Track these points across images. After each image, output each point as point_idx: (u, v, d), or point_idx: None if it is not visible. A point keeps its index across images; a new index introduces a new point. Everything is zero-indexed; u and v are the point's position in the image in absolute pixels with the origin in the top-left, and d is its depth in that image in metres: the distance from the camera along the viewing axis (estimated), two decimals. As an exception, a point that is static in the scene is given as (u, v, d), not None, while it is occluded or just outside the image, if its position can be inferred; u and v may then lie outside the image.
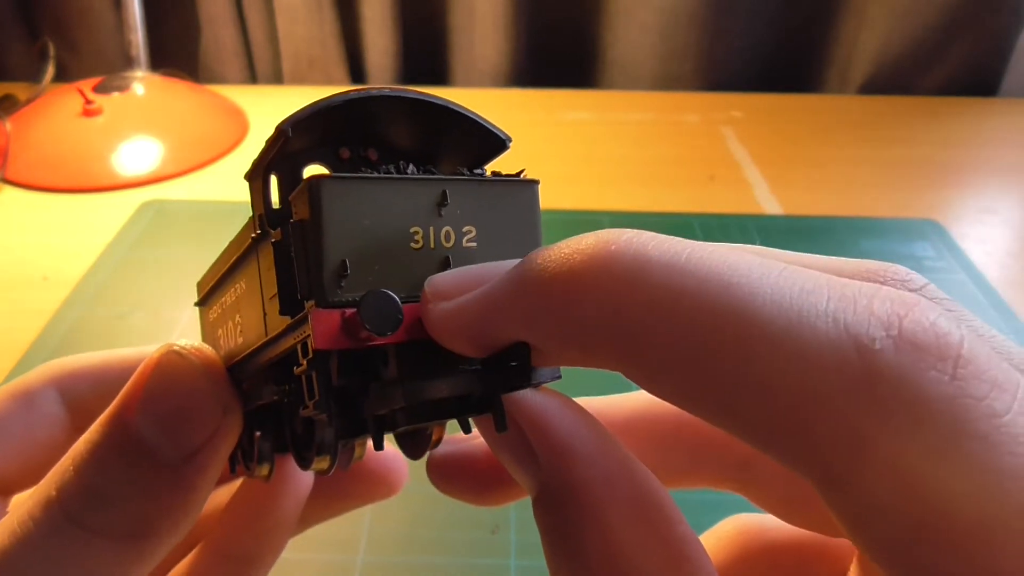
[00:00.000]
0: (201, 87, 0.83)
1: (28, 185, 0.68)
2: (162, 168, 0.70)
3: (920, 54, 0.87)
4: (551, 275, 0.12)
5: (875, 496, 0.10)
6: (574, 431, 0.13)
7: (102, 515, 0.15)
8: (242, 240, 0.15)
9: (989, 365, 0.10)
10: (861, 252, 0.60)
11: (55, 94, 0.76)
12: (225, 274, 0.16)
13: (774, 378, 0.10)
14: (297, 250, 0.13)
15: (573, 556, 0.13)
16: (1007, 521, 0.09)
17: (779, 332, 0.10)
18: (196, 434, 0.15)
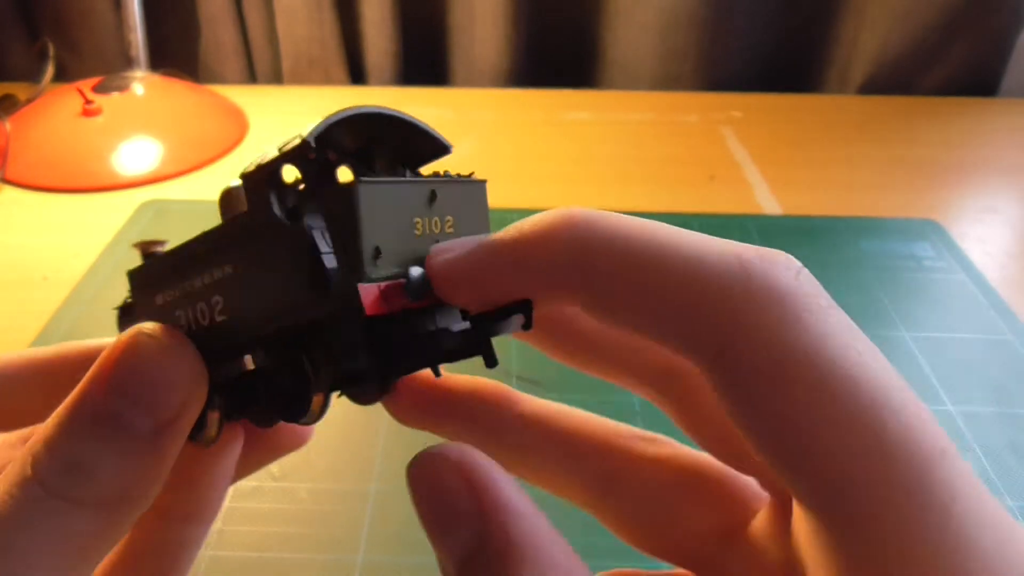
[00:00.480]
0: (201, 87, 0.83)
1: (28, 185, 0.68)
2: (162, 168, 0.70)
3: (920, 54, 0.87)
4: (531, 229, 0.16)
5: (745, 356, 0.14)
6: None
7: (81, 486, 0.16)
8: (225, 231, 0.18)
9: (814, 280, 0.16)
10: (861, 252, 0.60)
11: (55, 94, 0.76)
12: (193, 262, 0.18)
13: (683, 283, 0.15)
14: (333, 238, 0.16)
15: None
16: (812, 358, 0.14)
17: (688, 253, 0.15)
18: (169, 406, 0.17)
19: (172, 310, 0.19)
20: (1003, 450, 0.44)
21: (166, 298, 0.19)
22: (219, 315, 0.18)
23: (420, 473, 0.16)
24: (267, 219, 0.16)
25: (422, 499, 0.16)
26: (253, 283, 0.17)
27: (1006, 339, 0.52)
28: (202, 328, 0.18)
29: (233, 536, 0.39)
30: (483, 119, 0.82)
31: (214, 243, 0.18)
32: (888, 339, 0.52)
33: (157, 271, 0.19)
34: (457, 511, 0.15)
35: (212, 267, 0.18)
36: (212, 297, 0.18)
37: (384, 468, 0.42)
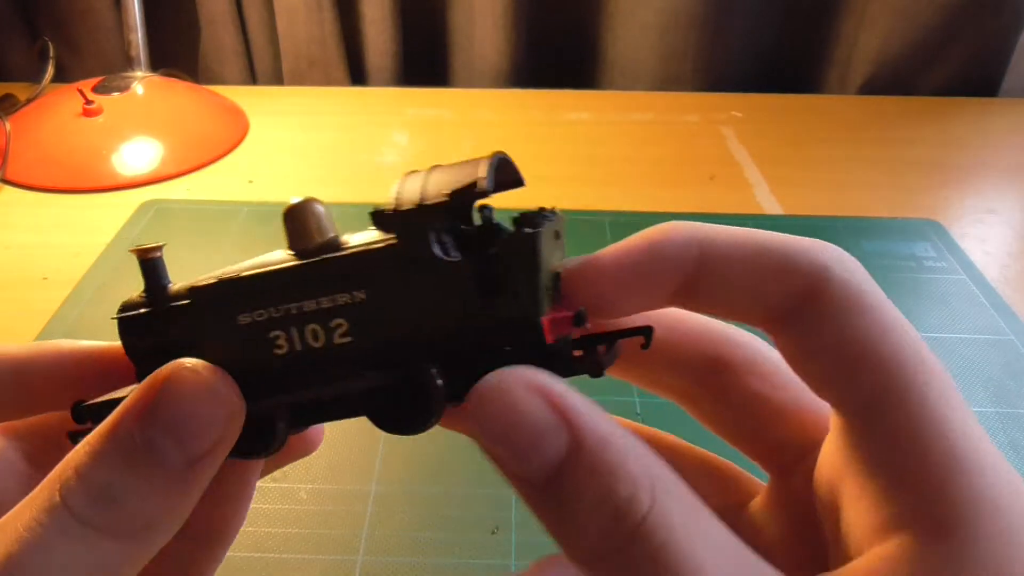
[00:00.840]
0: (201, 87, 0.83)
1: (28, 185, 0.68)
2: (162, 168, 0.70)
3: (920, 54, 0.87)
4: (653, 233, 0.18)
5: (888, 418, 0.16)
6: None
7: (110, 515, 0.16)
8: (356, 261, 0.19)
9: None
10: (861, 252, 0.60)
11: (55, 94, 0.76)
12: (303, 285, 0.19)
13: (781, 267, 0.18)
14: (507, 277, 0.18)
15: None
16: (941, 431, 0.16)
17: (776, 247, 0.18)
18: (204, 441, 0.17)
19: (264, 331, 0.19)
20: (1003, 450, 0.44)
21: (254, 318, 0.19)
22: (340, 337, 0.19)
23: (491, 401, 0.16)
24: (431, 256, 0.18)
25: (498, 424, 0.16)
26: (394, 310, 0.18)
27: (1006, 339, 0.52)
28: (310, 349, 0.19)
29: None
30: (483, 119, 0.82)
31: (339, 270, 0.19)
32: (888, 339, 0.52)
33: (238, 291, 0.19)
34: (541, 426, 0.15)
35: (335, 292, 0.19)
36: (331, 320, 0.19)
37: (384, 469, 0.42)
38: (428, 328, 0.18)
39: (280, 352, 0.19)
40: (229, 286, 0.20)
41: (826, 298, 0.18)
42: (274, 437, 0.20)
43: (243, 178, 0.71)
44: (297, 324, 0.19)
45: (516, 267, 0.18)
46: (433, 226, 0.18)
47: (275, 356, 0.19)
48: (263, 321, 0.19)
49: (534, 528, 0.39)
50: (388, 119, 0.81)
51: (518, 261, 0.18)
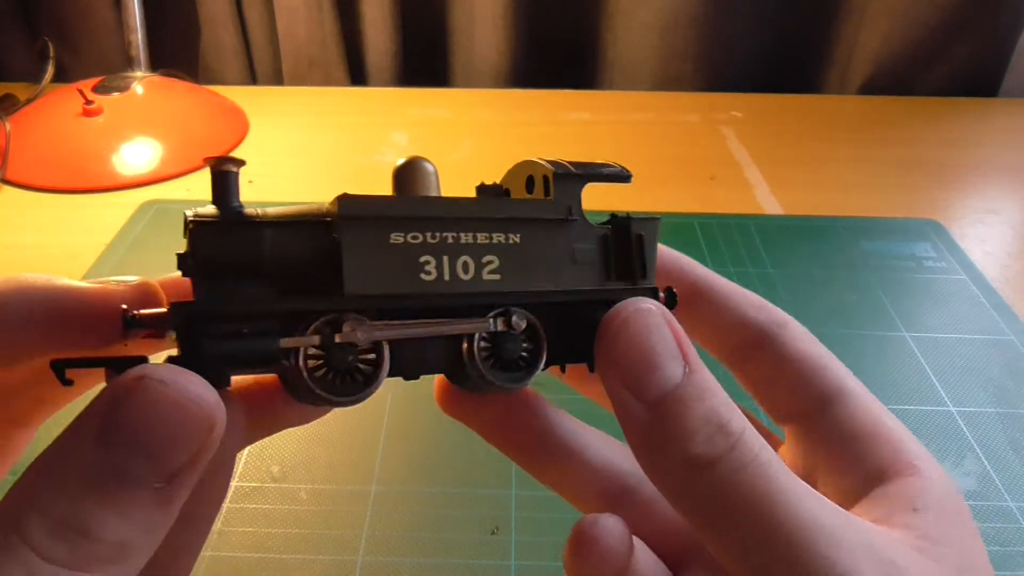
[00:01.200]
0: (201, 87, 0.83)
1: (28, 185, 0.68)
2: (162, 168, 0.70)
3: (920, 54, 0.87)
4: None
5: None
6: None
7: (83, 550, 0.14)
8: (516, 208, 0.20)
9: None
10: (861, 252, 0.60)
11: (55, 94, 0.76)
12: (459, 219, 0.19)
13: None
14: (630, 253, 0.21)
15: None
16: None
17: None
18: (180, 457, 0.15)
19: (417, 253, 0.19)
20: (1003, 450, 0.44)
21: (409, 239, 0.19)
22: (489, 273, 0.19)
23: (631, 319, 0.19)
24: (583, 220, 0.21)
25: (635, 344, 0.19)
26: (538, 259, 0.20)
27: (1006, 339, 0.52)
28: (459, 281, 0.19)
29: (233, 537, 0.39)
30: (483, 119, 0.82)
31: (501, 214, 0.20)
32: (888, 339, 0.52)
33: (393, 212, 0.18)
34: (669, 351, 0.19)
35: (493, 230, 0.19)
36: (484, 256, 0.19)
37: (384, 469, 0.42)
38: (563, 281, 0.20)
39: (428, 278, 0.19)
40: (383, 204, 0.18)
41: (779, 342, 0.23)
42: (377, 378, 0.18)
43: (243, 178, 0.70)
44: (451, 253, 0.19)
45: (649, 243, 0.22)
46: (579, 193, 0.21)
47: (421, 281, 0.18)
48: (417, 244, 0.19)
49: (534, 528, 0.39)
50: (388, 119, 0.81)
51: (651, 238, 0.22)
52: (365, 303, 0.18)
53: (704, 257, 0.59)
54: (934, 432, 0.45)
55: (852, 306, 0.54)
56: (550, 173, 0.20)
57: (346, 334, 0.18)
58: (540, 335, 0.20)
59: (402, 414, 0.45)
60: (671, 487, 0.18)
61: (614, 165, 0.22)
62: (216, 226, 0.18)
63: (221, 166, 0.18)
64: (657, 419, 0.18)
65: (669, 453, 0.18)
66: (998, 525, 0.40)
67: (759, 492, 0.17)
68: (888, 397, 0.47)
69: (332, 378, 0.18)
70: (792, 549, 0.17)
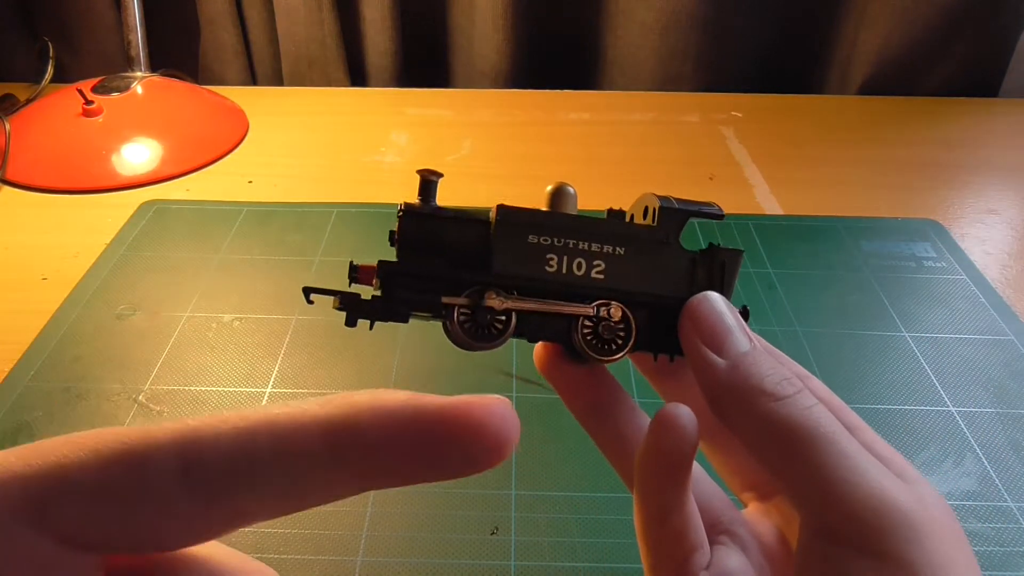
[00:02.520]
0: (201, 87, 0.83)
1: (28, 185, 0.68)
2: (162, 168, 0.70)
3: (920, 54, 0.87)
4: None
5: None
6: None
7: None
8: (625, 230, 0.26)
9: None
10: (861, 252, 0.60)
11: (55, 94, 0.76)
12: (583, 232, 0.26)
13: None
14: (721, 273, 0.27)
15: None
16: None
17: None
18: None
19: (544, 252, 0.26)
20: (1003, 450, 0.44)
21: (541, 241, 0.26)
22: (596, 273, 0.26)
23: (708, 304, 0.25)
24: (678, 245, 0.27)
25: (709, 319, 0.24)
26: (636, 268, 0.26)
27: (1006, 339, 0.52)
28: (572, 275, 0.26)
29: (233, 537, 0.39)
30: (483, 119, 0.82)
31: (612, 232, 0.26)
32: (888, 339, 0.52)
33: (532, 221, 0.26)
34: (735, 325, 0.24)
35: (604, 243, 0.26)
36: (594, 260, 0.26)
37: (384, 468, 0.42)
38: (655, 287, 0.26)
39: (550, 269, 0.26)
40: (527, 213, 0.26)
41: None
42: (505, 334, 0.25)
43: (243, 178, 0.71)
44: (570, 254, 0.26)
45: (730, 269, 0.27)
46: (680, 225, 0.27)
47: (544, 271, 0.25)
48: (546, 245, 0.26)
49: (534, 528, 0.39)
50: (388, 119, 0.81)
51: (732, 266, 0.27)
52: (504, 281, 0.25)
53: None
54: (934, 432, 0.45)
55: (852, 306, 0.54)
56: (657, 206, 0.27)
57: (487, 299, 0.25)
58: (631, 325, 0.26)
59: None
60: (744, 417, 0.23)
61: (713, 205, 0.27)
62: (417, 215, 0.25)
63: (428, 176, 0.25)
64: (736, 368, 0.23)
65: (746, 389, 0.23)
66: (998, 525, 0.40)
67: (825, 424, 0.22)
68: (888, 397, 0.47)
69: (474, 329, 0.25)
70: (849, 464, 0.21)
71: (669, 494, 0.24)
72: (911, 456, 0.43)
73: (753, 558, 0.26)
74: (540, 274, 0.25)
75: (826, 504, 0.21)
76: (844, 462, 0.21)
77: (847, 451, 0.22)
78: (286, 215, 0.64)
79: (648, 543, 0.24)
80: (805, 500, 0.22)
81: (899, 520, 0.21)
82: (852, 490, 0.21)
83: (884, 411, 0.46)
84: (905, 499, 0.21)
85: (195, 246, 0.60)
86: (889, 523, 0.21)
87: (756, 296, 0.55)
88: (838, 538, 0.21)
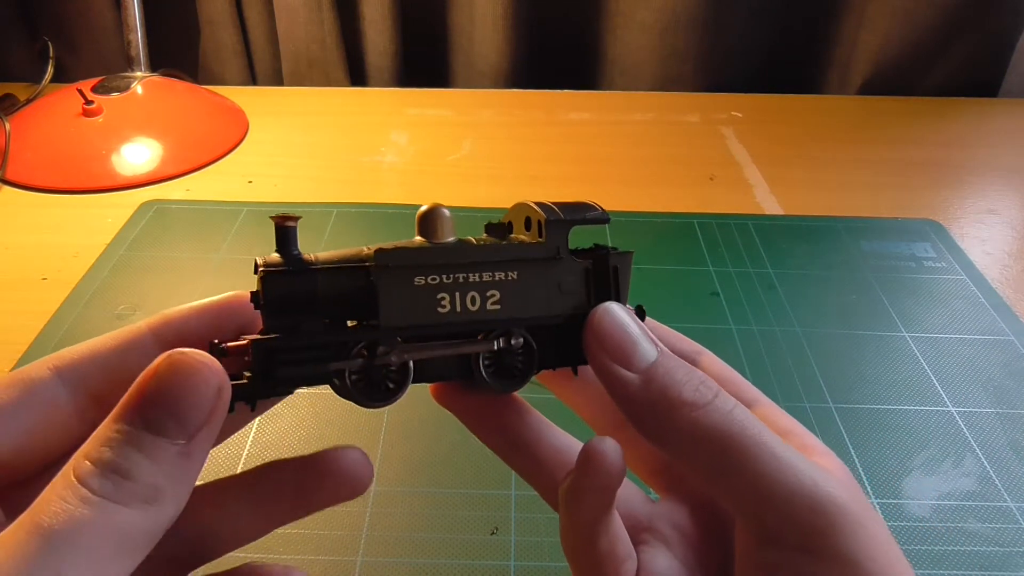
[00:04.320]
0: (201, 87, 0.83)
1: (28, 185, 0.68)
2: (162, 168, 0.70)
3: (920, 54, 0.87)
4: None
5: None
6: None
7: (125, 488, 0.18)
8: (512, 251, 0.25)
9: None
10: (861, 252, 0.60)
11: (55, 94, 0.76)
12: (470, 262, 0.24)
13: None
14: (607, 280, 0.26)
15: None
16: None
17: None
18: (199, 417, 0.19)
19: (434, 293, 0.24)
20: (1003, 450, 0.44)
21: (429, 281, 0.24)
22: (492, 304, 0.24)
23: (609, 317, 0.24)
24: (569, 258, 0.25)
25: (613, 333, 0.24)
26: (531, 290, 0.25)
27: (1006, 339, 0.52)
28: (468, 312, 0.24)
29: (233, 536, 0.39)
30: (483, 119, 0.82)
31: (501, 257, 0.25)
32: (888, 339, 0.52)
33: (416, 262, 0.24)
34: (640, 334, 0.24)
35: (495, 270, 0.24)
36: (488, 291, 0.24)
37: (384, 469, 0.42)
38: (552, 306, 0.25)
39: (443, 311, 0.24)
40: (409, 254, 0.24)
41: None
42: (404, 386, 0.24)
43: (243, 178, 0.71)
44: (462, 290, 0.24)
45: (623, 272, 0.26)
46: (567, 235, 0.26)
47: (437, 313, 0.24)
48: (435, 284, 0.24)
49: (534, 528, 0.39)
50: (388, 119, 0.81)
51: (625, 268, 0.26)
52: (395, 332, 0.23)
53: (704, 257, 0.59)
54: (934, 432, 0.45)
55: (852, 306, 0.54)
56: (542, 219, 0.25)
57: (380, 356, 0.23)
58: (533, 350, 0.25)
59: (402, 414, 0.45)
60: (669, 432, 0.22)
61: (596, 208, 0.27)
62: (279, 273, 0.23)
63: (284, 222, 0.24)
64: (649, 382, 0.23)
65: (666, 403, 0.22)
66: (998, 525, 0.40)
67: (749, 426, 0.22)
68: (888, 397, 0.47)
69: (369, 388, 0.23)
70: (779, 464, 0.21)
71: (598, 522, 0.24)
72: (911, 456, 0.44)
73: (677, 551, 0.26)
74: (434, 319, 0.24)
75: (765, 509, 0.21)
76: (775, 464, 0.21)
77: (776, 452, 0.22)
78: (286, 215, 0.64)
79: (579, 565, 0.25)
80: (742, 506, 0.22)
81: (836, 515, 0.21)
82: (789, 493, 0.21)
83: (884, 411, 0.46)
84: (838, 492, 0.21)
85: (195, 246, 0.60)
86: (827, 521, 0.21)
87: (756, 296, 0.55)
88: (779, 541, 0.21)
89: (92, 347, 0.23)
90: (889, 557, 0.21)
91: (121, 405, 0.19)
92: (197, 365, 0.20)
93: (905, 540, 0.39)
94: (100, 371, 0.23)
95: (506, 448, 0.27)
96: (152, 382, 0.19)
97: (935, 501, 0.41)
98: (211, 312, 0.24)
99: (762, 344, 0.51)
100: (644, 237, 0.62)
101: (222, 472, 0.42)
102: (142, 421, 0.19)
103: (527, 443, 0.27)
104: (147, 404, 0.19)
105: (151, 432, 0.19)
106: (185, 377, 0.19)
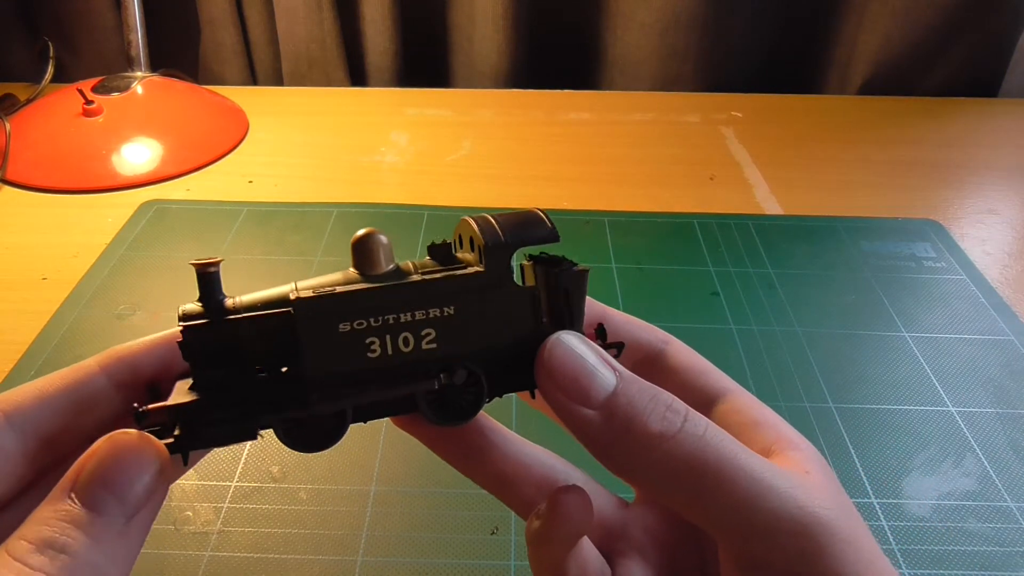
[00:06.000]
0: (201, 87, 0.83)
1: (28, 185, 0.68)
2: (162, 168, 0.70)
3: (920, 54, 0.87)
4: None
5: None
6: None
7: (64, 564, 0.18)
8: (447, 285, 0.23)
9: None
10: (861, 252, 0.60)
11: (55, 94, 0.76)
12: (399, 301, 0.22)
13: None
14: (562, 303, 0.24)
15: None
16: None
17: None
18: (140, 496, 0.19)
19: (362, 339, 0.22)
20: (1003, 450, 0.44)
21: (355, 326, 0.22)
22: (428, 344, 0.23)
23: (560, 349, 0.22)
24: (512, 285, 0.23)
25: (566, 366, 0.22)
26: (471, 324, 0.23)
27: (1006, 339, 0.52)
28: (400, 355, 0.22)
29: (233, 537, 0.39)
30: (483, 119, 0.82)
31: (435, 292, 0.23)
32: (888, 339, 0.52)
33: (339, 308, 0.22)
34: (596, 363, 0.22)
35: (429, 306, 0.23)
36: (422, 330, 0.23)
37: (384, 470, 0.42)
38: (497, 337, 0.23)
39: (373, 355, 0.22)
40: (330, 301, 0.22)
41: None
42: (343, 430, 0.23)
43: (243, 178, 0.71)
44: (392, 332, 0.22)
45: (576, 295, 0.24)
46: (509, 260, 0.23)
47: (367, 359, 0.22)
48: (362, 329, 0.22)
49: (534, 528, 0.39)
50: (388, 119, 0.81)
51: (577, 291, 0.24)
52: (324, 381, 0.22)
53: (704, 257, 0.59)
54: (934, 432, 0.45)
55: (852, 306, 0.54)
56: (481, 244, 0.23)
57: (312, 405, 0.22)
58: (481, 382, 0.23)
59: (402, 414, 0.45)
60: (640, 468, 0.21)
61: (545, 223, 0.24)
62: (200, 328, 0.22)
63: (206, 268, 0.22)
64: (610, 417, 0.21)
65: (632, 439, 0.21)
66: (998, 525, 0.40)
67: (723, 451, 0.21)
68: (888, 397, 0.47)
69: (305, 437, 0.22)
70: (760, 488, 0.20)
71: (567, 556, 0.23)
72: (911, 456, 0.44)
73: (652, 557, 0.25)
74: (364, 364, 0.22)
75: (749, 536, 0.20)
76: (755, 488, 0.20)
77: (754, 474, 0.20)
78: (286, 215, 0.64)
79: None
80: (725, 534, 0.21)
81: (823, 537, 0.20)
82: (774, 519, 0.20)
83: (884, 411, 0.46)
84: (822, 511, 0.20)
85: (195, 246, 0.60)
86: (815, 544, 0.20)
87: (756, 296, 0.55)
88: (766, 567, 0.20)
89: (41, 388, 0.23)
90: (877, 567, 0.21)
91: (61, 485, 0.19)
92: (139, 446, 0.20)
93: (905, 540, 0.39)
94: (50, 414, 0.22)
95: (469, 469, 0.26)
96: (93, 461, 0.19)
97: (935, 501, 0.41)
98: (161, 347, 0.24)
99: (762, 344, 0.51)
100: (644, 237, 0.62)
101: (222, 472, 0.42)
102: (82, 500, 0.19)
103: (492, 460, 0.26)
104: (88, 483, 0.19)
105: (92, 511, 0.19)
106: (126, 458, 0.20)
